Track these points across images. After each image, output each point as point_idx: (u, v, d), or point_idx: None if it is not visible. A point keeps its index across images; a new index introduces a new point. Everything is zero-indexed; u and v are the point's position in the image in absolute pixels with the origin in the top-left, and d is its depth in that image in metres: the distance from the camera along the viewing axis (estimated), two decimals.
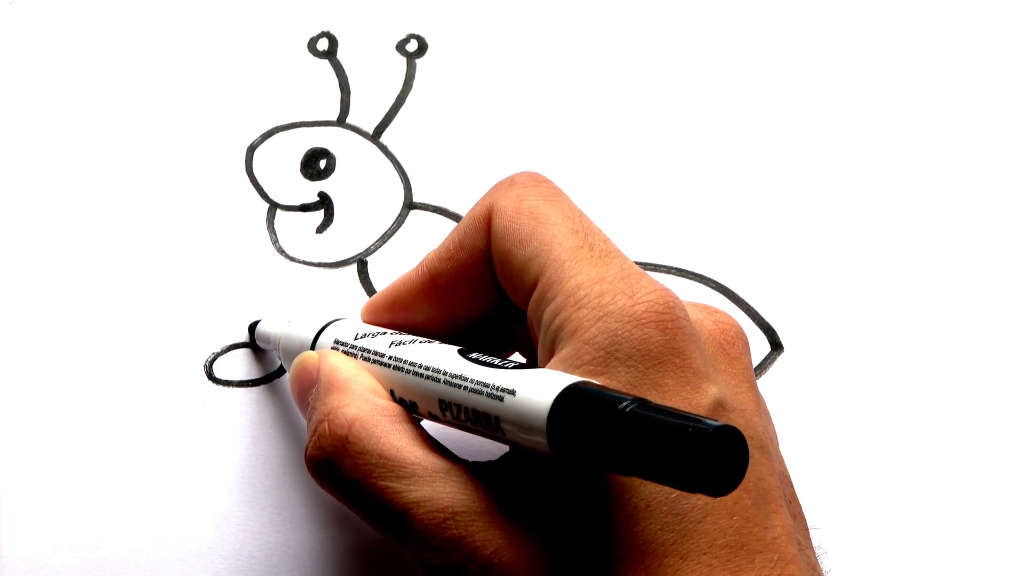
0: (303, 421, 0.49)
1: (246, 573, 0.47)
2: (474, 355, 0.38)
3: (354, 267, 0.51)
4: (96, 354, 0.49)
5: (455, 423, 0.38)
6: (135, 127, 0.52)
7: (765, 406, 0.39)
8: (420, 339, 0.40)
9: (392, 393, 0.40)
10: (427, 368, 0.38)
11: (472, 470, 0.38)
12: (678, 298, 0.37)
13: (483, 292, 0.41)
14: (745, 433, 0.32)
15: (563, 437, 0.34)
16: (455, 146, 0.53)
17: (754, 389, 0.39)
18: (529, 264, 0.38)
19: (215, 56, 0.54)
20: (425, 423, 0.40)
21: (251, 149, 0.52)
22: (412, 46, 0.54)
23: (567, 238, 0.38)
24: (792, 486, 0.39)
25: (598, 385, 0.35)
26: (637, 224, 0.52)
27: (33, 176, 0.51)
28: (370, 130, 0.53)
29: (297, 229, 0.51)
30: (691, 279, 0.51)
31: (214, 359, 0.49)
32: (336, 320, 0.44)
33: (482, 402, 0.36)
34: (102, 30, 0.54)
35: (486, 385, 0.36)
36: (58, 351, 0.49)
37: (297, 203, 0.52)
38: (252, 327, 0.49)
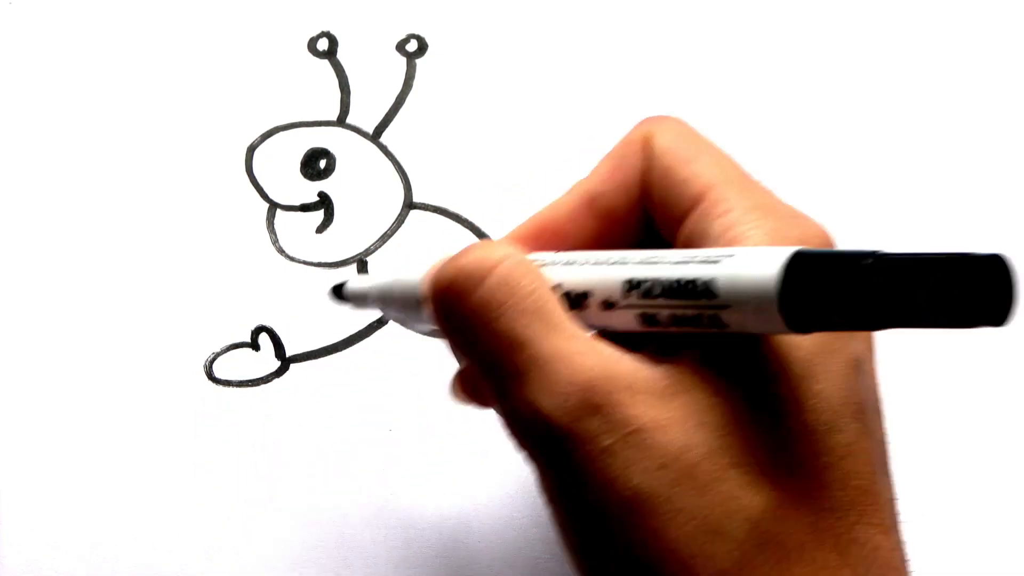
0: (303, 421, 0.49)
1: (246, 573, 0.47)
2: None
3: (354, 267, 0.51)
4: (96, 354, 0.49)
5: (641, 305, 0.34)
6: (135, 127, 0.52)
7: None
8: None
9: (557, 289, 0.36)
10: (611, 258, 0.35)
11: (616, 348, 0.34)
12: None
13: (637, 218, 0.39)
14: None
15: (798, 298, 0.31)
16: (455, 146, 0.53)
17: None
18: (694, 180, 0.37)
19: (215, 56, 0.54)
20: None
21: (251, 149, 0.52)
22: (412, 46, 0.54)
23: (731, 167, 0.38)
24: None
25: (822, 249, 0.33)
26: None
27: (33, 176, 0.51)
28: (370, 130, 0.53)
29: (297, 229, 0.51)
30: None
31: (214, 359, 0.49)
32: None
33: (690, 270, 0.33)
34: (102, 30, 0.54)
35: (694, 256, 0.33)
36: (58, 351, 0.49)
37: (297, 203, 0.52)
38: (336, 287, 0.43)
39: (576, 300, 0.36)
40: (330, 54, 0.54)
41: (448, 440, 0.49)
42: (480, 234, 0.51)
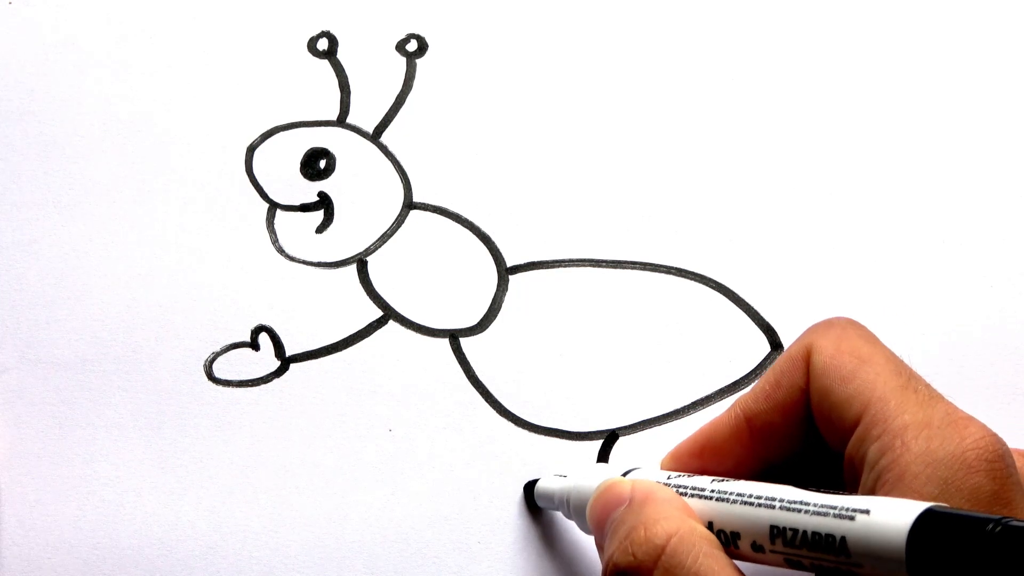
0: (303, 421, 0.49)
1: (246, 573, 0.47)
2: (812, 488, 0.37)
3: (354, 267, 0.51)
4: (96, 354, 0.49)
5: (784, 553, 0.37)
6: (135, 127, 0.52)
7: None
8: (743, 479, 0.39)
9: (710, 527, 0.39)
10: (759, 496, 0.37)
11: None
12: (1005, 443, 0.36)
13: (797, 433, 0.40)
14: None
15: (924, 559, 0.33)
16: (455, 146, 0.53)
17: None
18: (851, 402, 0.38)
19: (215, 56, 0.54)
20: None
21: (251, 149, 0.52)
22: (412, 46, 0.54)
23: (891, 378, 0.38)
24: None
25: (954, 508, 0.34)
26: (637, 224, 0.52)
27: (33, 176, 0.51)
28: (370, 130, 0.53)
29: (297, 229, 0.51)
30: (691, 279, 0.51)
31: (214, 359, 0.49)
32: (635, 468, 0.43)
33: (827, 523, 0.35)
34: (102, 30, 0.54)
35: (832, 507, 0.35)
36: (58, 351, 0.49)
37: (297, 203, 0.52)
38: (528, 487, 0.48)
39: (729, 539, 0.38)
40: (330, 54, 0.54)
41: (448, 440, 0.49)
42: (480, 234, 0.51)
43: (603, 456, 0.49)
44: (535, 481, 0.47)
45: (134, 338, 0.49)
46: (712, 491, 0.39)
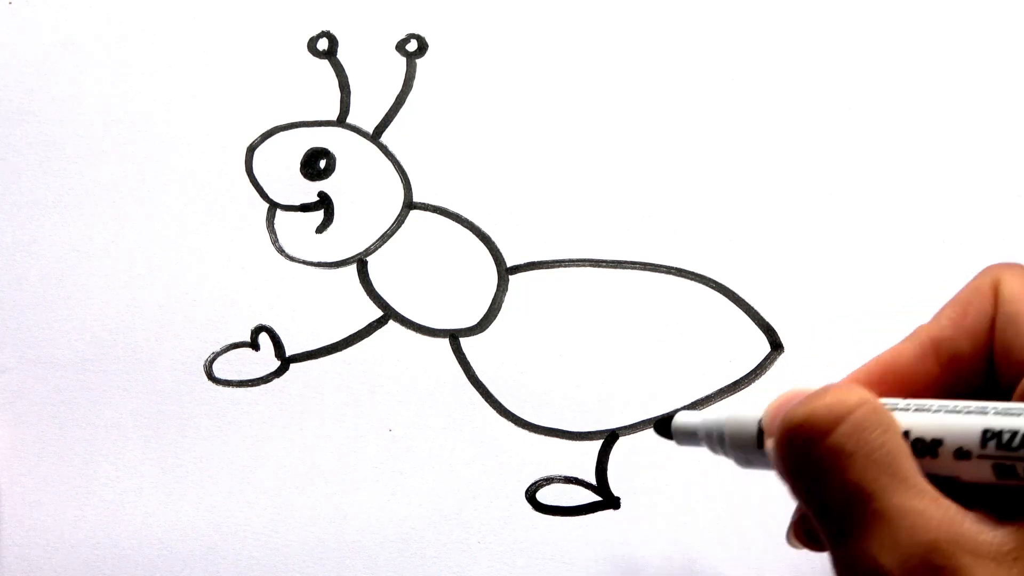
0: (303, 421, 0.49)
1: (246, 573, 0.47)
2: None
3: (354, 267, 0.51)
4: (96, 354, 0.49)
5: (997, 456, 0.35)
6: (135, 127, 0.52)
7: None
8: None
9: (906, 435, 0.37)
10: (967, 406, 0.36)
11: (963, 511, 0.35)
12: None
13: (983, 363, 0.39)
14: None
15: None
16: (455, 146, 0.53)
17: None
18: None
19: (215, 56, 0.54)
20: None
21: (251, 149, 0.52)
22: (412, 46, 0.54)
23: None
24: None
25: None
26: (637, 224, 0.52)
27: (33, 176, 0.52)
28: (370, 130, 0.53)
29: (297, 229, 0.51)
30: (691, 279, 0.51)
31: (214, 359, 0.49)
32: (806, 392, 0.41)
33: None
34: (102, 30, 0.54)
35: None
36: (58, 351, 0.49)
37: (297, 203, 0.52)
38: (661, 422, 0.43)
39: (927, 448, 0.36)
40: (330, 54, 0.54)
41: (448, 440, 0.49)
42: (480, 234, 0.51)
43: (603, 457, 0.49)
44: (670, 416, 0.43)
45: (134, 338, 0.49)
46: (907, 404, 0.37)
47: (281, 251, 0.51)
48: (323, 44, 0.54)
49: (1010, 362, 0.38)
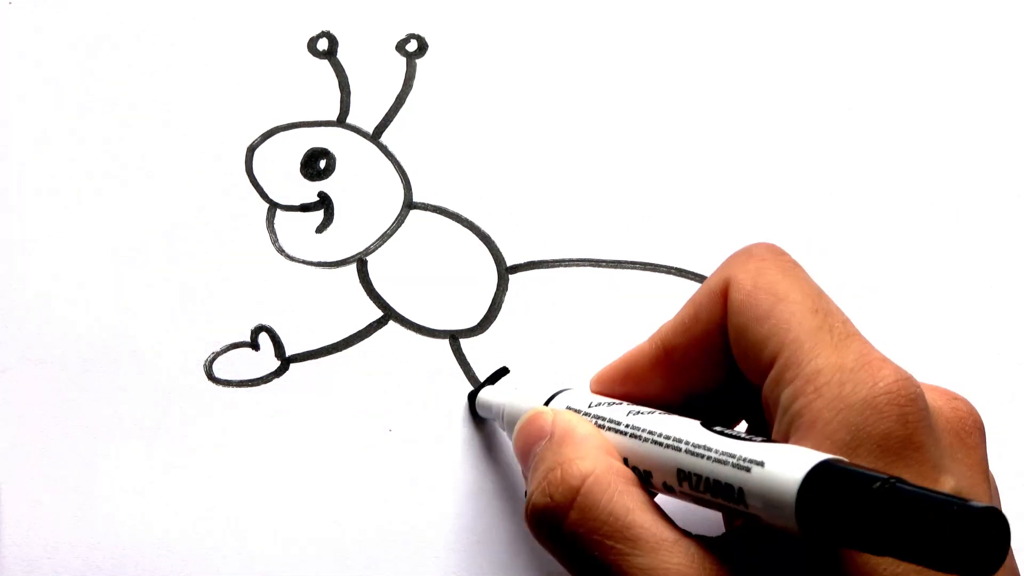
0: (303, 421, 0.49)
1: (246, 573, 0.47)
2: (717, 428, 0.37)
3: (354, 267, 0.51)
4: (96, 354, 0.49)
5: (690, 495, 0.37)
6: (135, 127, 0.52)
7: (999, 497, 0.38)
8: (658, 411, 0.40)
9: (626, 461, 0.39)
10: (667, 437, 0.38)
11: (699, 544, 0.36)
12: (919, 385, 0.36)
13: (716, 366, 0.40)
14: None
15: (812, 513, 0.33)
16: (455, 146, 0.53)
17: (988, 480, 0.38)
18: (766, 342, 0.38)
19: (215, 56, 0.54)
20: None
21: (251, 149, 0.52)
22: (412, 46, 0.54)
23: (806, 318, 0.37)
24: None
25: (848, 463, 0.34)
26: (637, 224, 0.52)
27: (33, 176, 0.51)
28: (370, 130, 0.53)
29: (297, 229, 0.51)
30: (691, 279, 0.51)
31: (214, 359, 0.49)
32: (564, 390, 0.43)
33: (726, 472, 0.35)
34: (102, 30, 0.54)
35: (731, 456, 0.35)
36: (58, 350, 0.49)
37: (297, 203, 0.52)
38: (472, 395, 0.48)
39: (644, 476, 0.38)
40: (330, 54, 0.54)
41: (448, 440, 0.49)
42: (480, 234, 0.51)
43: None
44: (480, 388, 0.48)
45: (134, 338, 0.49)
46: (627, 426, 0.39)
47: (281, 251, 0.51)
48: (323, 44, 0.54)
49: (749, 370, 0.39)
